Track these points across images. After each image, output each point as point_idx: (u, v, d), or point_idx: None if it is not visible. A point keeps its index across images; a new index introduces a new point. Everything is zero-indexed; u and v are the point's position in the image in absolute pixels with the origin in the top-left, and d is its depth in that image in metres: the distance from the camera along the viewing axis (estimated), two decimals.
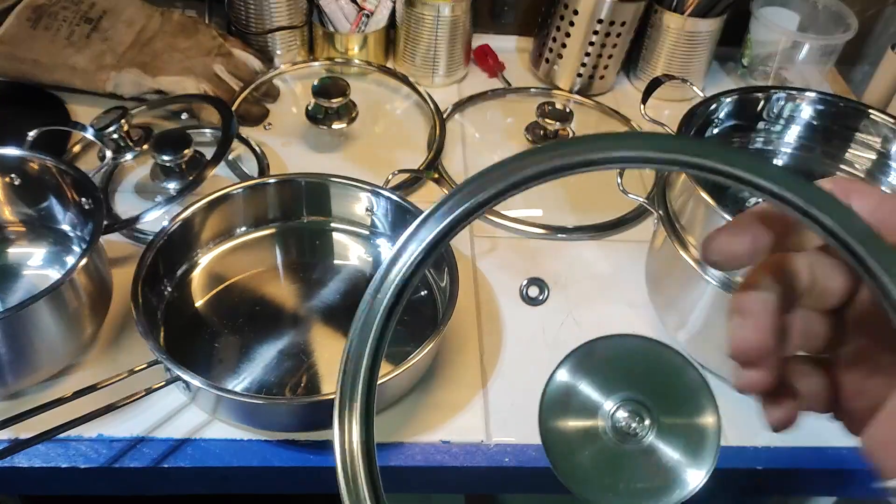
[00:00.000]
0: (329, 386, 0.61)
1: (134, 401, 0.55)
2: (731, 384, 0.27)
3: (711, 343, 0.63)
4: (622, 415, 0.27)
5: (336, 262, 0.72)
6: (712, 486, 0.35)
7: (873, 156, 0.72)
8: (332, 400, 0.24)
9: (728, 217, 0.57)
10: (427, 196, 0.81)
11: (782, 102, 0.73)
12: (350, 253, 0.73)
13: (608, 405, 0.27)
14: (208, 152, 0.75)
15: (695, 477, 0.27)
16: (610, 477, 0.27)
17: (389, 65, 0.99)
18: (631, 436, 0.27)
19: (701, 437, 0.27)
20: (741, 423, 0.63)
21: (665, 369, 0.28)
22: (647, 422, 0.27)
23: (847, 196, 0.25)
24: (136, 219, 0.67)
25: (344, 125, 0.85)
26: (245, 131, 0.86)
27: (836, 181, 0.26)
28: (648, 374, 0.28)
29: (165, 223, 0.65)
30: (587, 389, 0.28)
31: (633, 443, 0.27)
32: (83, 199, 0.64)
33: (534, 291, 0.24)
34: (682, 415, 0.27)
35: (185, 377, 0.54)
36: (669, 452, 0.27)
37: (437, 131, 0.87)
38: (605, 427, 0.27)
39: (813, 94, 0.72)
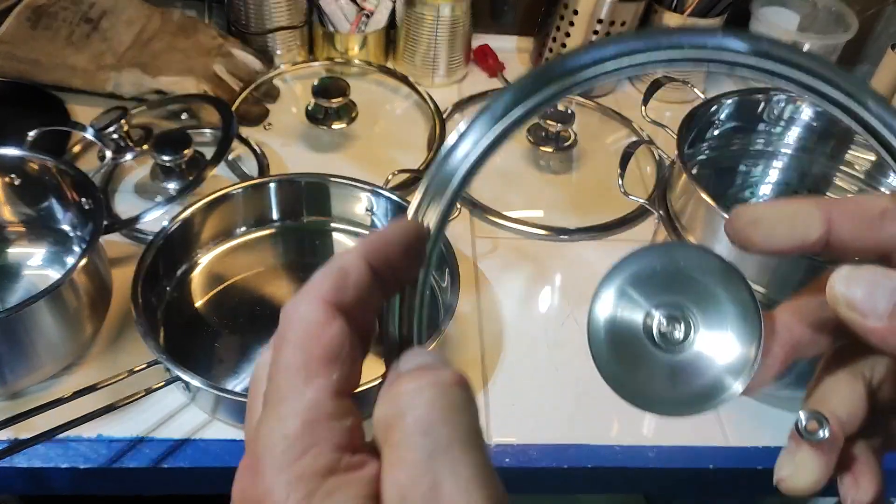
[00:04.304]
0: None
1: (133, 401, 0.55)
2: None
3: None
4: (664, 322, 0.28)
5: None
6: (713, 486, 0.35)
7: (872, 157, 0.72)
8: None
9: (727, 217, 0.57)
10: None
11: (782, 104, 0.73)
12: None
13: (652, 314, 0.28)
14: (208, 152, 0.75)
15: (734, 382, 0.27)
16: (655, 384, 0.28)
17: (389, 65, 0.99)
18: (673, 343, 0.28)
19: (742, 344, 0.27)
20: (741, 423, 0.63)
21: (709, 277, 0.28)
22: (689, 329, 0.28)
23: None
24: (135, 219, 0.67)
25: (344, 125, 0.85)
26: (245, 131, 0.86)
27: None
28: (692, 283, 0.28)
29: (165, 223, 0.65)
30: (632, 300, 0.28)
31: (676, 349, 0.28)
32: (83, 199, 0.64)
33: (813, 426, 0.25)
34: (724, 322, 0.28)
35: (185, 377, 0.54)
36: (711, 359, 0.28)
37: (437, 131, 0.87)
38: (649, 334, 0.28)
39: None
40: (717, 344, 0.28)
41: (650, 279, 0.28)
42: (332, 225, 0.74)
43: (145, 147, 0.78)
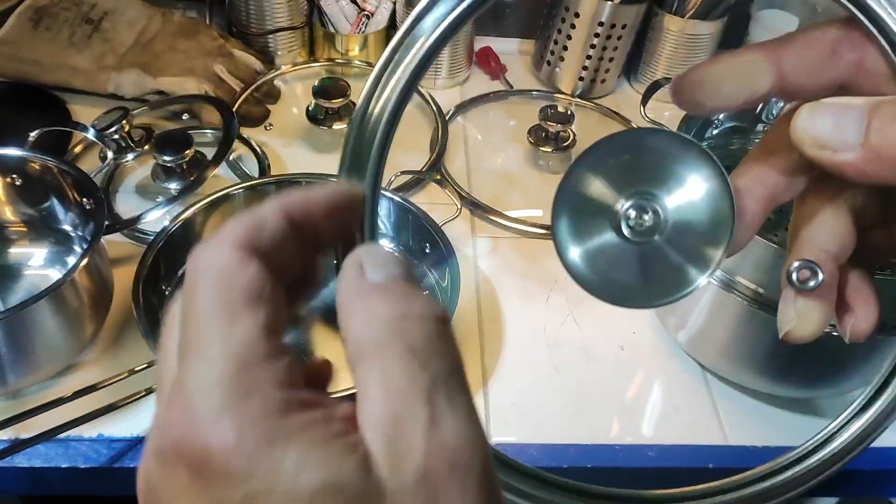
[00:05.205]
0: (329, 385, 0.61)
1: (134, 401, 0.55)
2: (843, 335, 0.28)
3: (711, 343, 0.63)
4: (633, 213, 0.26)
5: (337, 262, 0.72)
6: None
7: None
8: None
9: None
10: (430, 198, 0.81)
11: (781, 104, 0.73)
12: None
13: (620, 202, 0.26)
14: (209, 153, 0.76)
15: (716, 252, 0.26)
16: (622, 274, 0.27)
17: None
18: (642, 232, 0.26)
19: (714, 215, 0.26)
20: (741, 423, 0.63)
21: (681, 164, 0.26)
22: (659, 217, 0.26)
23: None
24: (137, 219, 0.67)
25: (344, 126, 0.85)
26: (246, 132, 0.86)
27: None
28: (663, 169, 0.26)
29: (166, 223, 0.65)
30: (600, 186, 0.26)
31: (645, 239, 0.26)
32: (84, 200, 0.64)
33: (804, 275, 0.23)
34: (691, 198, 0.26)
35: None
36: (680, 247, 0.26)
37: (440, 133, 0.88)
38: (616, 223, 0.26)
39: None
40: (690, 221, 0.26)
41: (613, 169, 0.26)
42: None
43: (146, 147, 0.78)
